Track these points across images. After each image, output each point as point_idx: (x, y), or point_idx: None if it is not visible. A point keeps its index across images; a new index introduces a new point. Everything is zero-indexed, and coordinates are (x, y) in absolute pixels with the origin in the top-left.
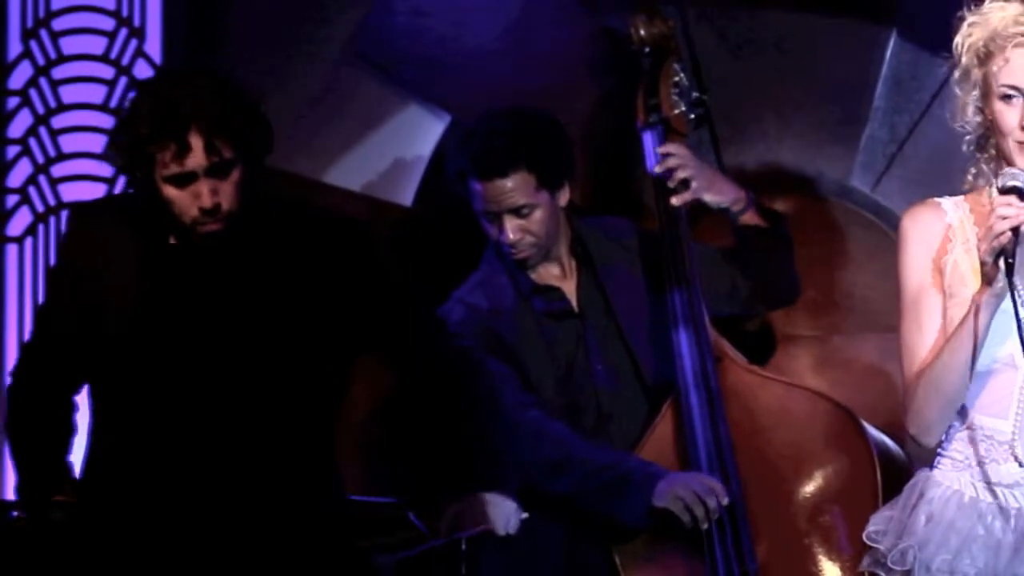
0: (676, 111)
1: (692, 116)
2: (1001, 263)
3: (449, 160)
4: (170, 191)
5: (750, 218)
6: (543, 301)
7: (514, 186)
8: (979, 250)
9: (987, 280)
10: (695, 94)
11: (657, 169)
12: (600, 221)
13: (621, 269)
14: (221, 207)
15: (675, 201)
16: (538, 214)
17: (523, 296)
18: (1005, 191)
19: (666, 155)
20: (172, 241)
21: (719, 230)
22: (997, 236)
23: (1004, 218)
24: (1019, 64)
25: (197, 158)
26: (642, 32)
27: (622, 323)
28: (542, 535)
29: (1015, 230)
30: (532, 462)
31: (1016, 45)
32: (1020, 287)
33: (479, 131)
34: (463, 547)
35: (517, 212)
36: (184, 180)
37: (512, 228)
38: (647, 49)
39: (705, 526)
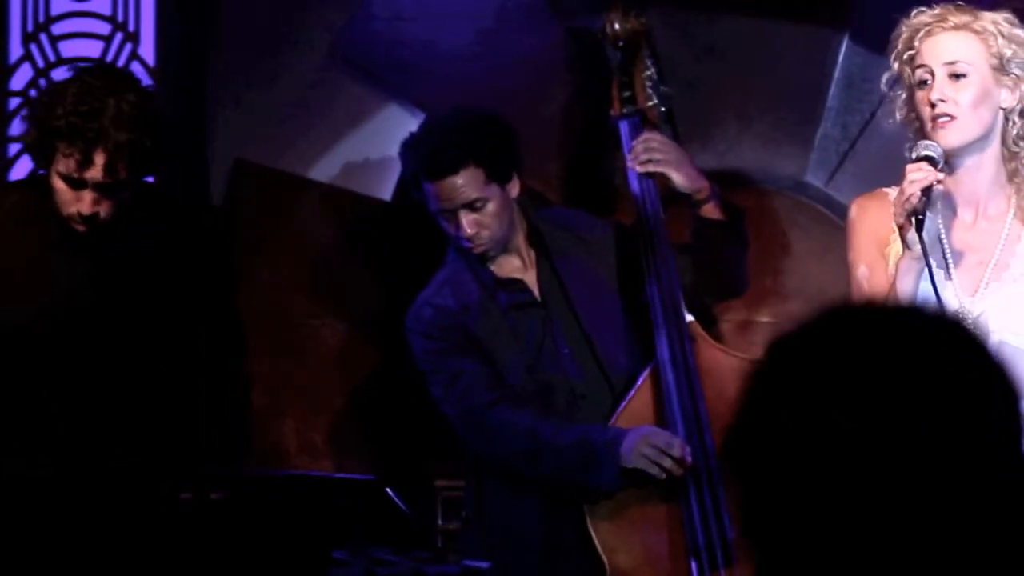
0: (650, 103)
1: (663, 109)
2: (913, 220)
3: (403, 168)
4: (59, 184)
5: (711, 210)
6: (507, 294)
7: (464, 182)
8: (894, 215)
9: (905, 242)
10: (663, 88)
11: (630, 155)
12: (556, 212)
13: (576, 258)
14: (98, 217)
15: (639, 168)
16: (491, 207)
17: (487, 290)
18: (917, 160)
19: (642, 139)
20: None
21: (678, 226)
22: (908, 198)
23: (914, 181)
24: (928, 50)
25: (94, 173)
26: (616, 27)
27: (579, 310)
28: (518, 513)
29: (925, 191)
30: (509, 455)
31: (926, 35)
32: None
33: (424, 134)
34: (439, 522)
35: (471, 207)
36: (75, 184)
37: (468, 223)
38: (620, 43)
39: (680, 472)
